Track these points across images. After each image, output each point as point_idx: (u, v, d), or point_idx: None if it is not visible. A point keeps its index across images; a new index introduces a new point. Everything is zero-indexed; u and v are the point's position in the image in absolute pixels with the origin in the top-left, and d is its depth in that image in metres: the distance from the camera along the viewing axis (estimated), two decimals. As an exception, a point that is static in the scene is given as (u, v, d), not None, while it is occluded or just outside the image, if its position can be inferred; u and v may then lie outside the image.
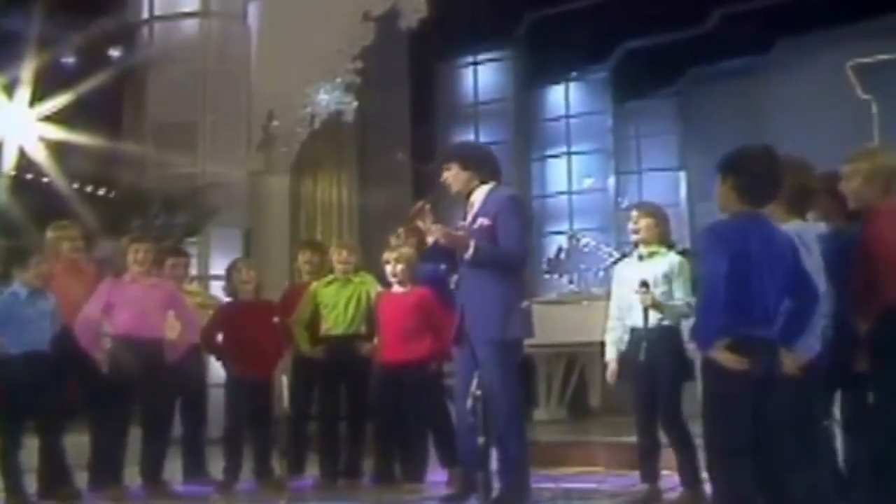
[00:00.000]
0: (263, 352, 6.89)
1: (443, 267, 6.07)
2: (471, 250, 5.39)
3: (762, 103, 14.31)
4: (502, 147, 14.11)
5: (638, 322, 5.82)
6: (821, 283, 4.21)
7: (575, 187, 15.72)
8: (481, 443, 5.17)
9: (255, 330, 6.89)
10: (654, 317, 5.74)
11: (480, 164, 5.75)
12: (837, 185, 4.62)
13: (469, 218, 5.62)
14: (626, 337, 5.95)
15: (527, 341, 5.75)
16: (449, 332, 6.33)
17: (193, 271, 8.40)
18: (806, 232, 4.31)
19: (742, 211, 4.05)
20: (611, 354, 6.06)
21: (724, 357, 3.89)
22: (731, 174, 4.08)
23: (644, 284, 5.71)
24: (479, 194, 5.65)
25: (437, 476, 6.67)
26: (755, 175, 4.06)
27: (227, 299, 7.27)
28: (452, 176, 5.71)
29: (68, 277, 6.66)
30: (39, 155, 9.61)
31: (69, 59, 10.83)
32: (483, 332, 5.44)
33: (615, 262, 8.36)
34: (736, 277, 3.90)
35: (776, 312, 4.00)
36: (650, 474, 5.91)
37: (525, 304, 5.54)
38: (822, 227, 4.58)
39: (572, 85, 16.10)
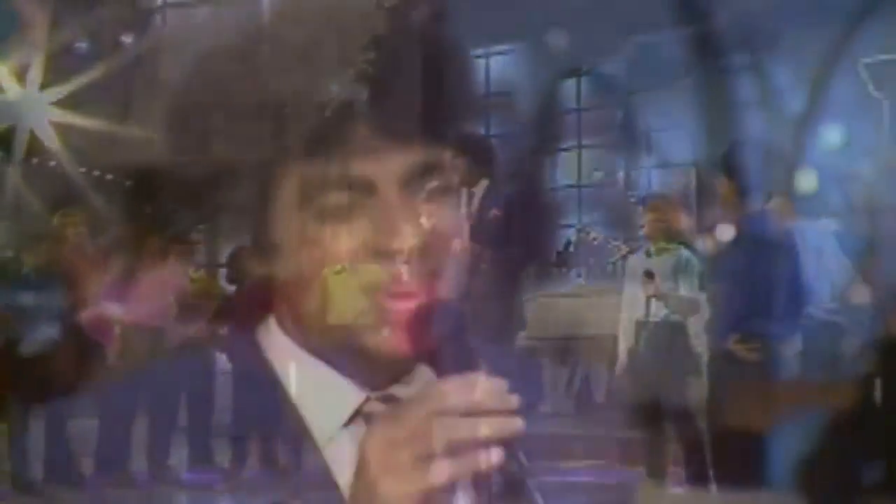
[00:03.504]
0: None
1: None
2: None
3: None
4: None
5: (642, 315, 5.82)
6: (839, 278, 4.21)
7: (584, 180, 15.73)
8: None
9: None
10: (660, 310, 5.70)
11: (475, 157, 5.78)
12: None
13: (473, 211, 5.66)
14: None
15: (533, 334, 5.76)
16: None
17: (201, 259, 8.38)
18: (816, 230, 4.29)
19: (748, 210, 4.02)
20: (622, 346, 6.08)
21: (738, 348, 3.87)
22: (728, 173, 4.06)
23: (648, 274, 5.71)
24: (480, 188, 5.68)
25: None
26: (751, 172, 4.03)
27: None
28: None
29: (73, 263, 6.68)
30: (52, 140, 9.62)
31: (82, 45, 10.83)
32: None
33: (624, 256, 8.33)
34: (751, 274, 3.89)
35: (777, 308, 3.98)
36: (656, 469, 5.89)
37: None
38: (832, 225, 4.55)
39: (584, 78, 16.07)
